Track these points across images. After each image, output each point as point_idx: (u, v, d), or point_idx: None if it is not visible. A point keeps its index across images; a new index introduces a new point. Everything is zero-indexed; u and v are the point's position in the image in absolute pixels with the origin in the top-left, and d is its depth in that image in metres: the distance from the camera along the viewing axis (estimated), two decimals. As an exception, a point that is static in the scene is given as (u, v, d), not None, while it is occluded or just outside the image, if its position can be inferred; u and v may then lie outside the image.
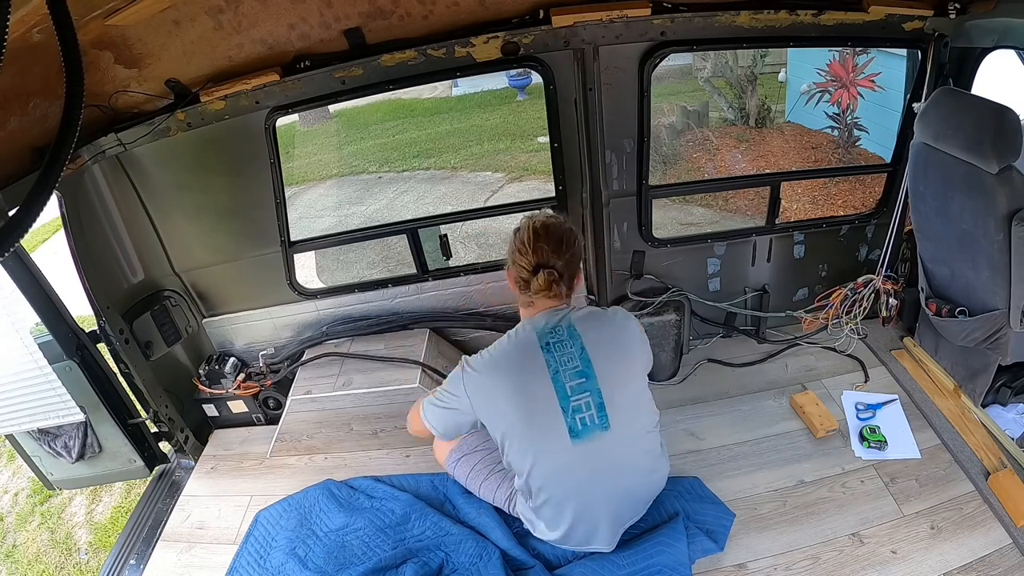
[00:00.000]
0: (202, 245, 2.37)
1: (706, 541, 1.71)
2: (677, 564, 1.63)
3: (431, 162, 6.90)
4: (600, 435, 1.50)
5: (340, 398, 2.21)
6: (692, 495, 1.86)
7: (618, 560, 1.64)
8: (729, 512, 1.80)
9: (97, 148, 2.01)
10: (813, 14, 1.85)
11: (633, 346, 1.58)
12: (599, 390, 1.49)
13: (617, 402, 1.51)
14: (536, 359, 1.50)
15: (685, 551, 1.65)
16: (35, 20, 1.24)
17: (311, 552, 1.89)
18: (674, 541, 1.66)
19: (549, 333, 1.52)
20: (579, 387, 1.49)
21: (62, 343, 2.05)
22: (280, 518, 2.04)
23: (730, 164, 5.74)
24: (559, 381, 1.48)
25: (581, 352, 1.50)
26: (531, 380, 1.50)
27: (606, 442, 1.51)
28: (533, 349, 1.51)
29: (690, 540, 1.69)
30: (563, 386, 1.48)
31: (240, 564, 1.92)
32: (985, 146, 1.66)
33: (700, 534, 1.72)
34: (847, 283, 2.37)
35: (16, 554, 3.18)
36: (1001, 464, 1.83)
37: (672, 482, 1.86)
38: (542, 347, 1.51)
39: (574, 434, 1.48)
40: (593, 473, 1.54)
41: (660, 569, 1.61)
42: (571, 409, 1.48)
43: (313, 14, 1.75)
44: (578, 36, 1.87)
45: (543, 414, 1.49)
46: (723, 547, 1.72)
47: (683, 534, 1.68)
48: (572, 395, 1.48)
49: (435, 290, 2.39)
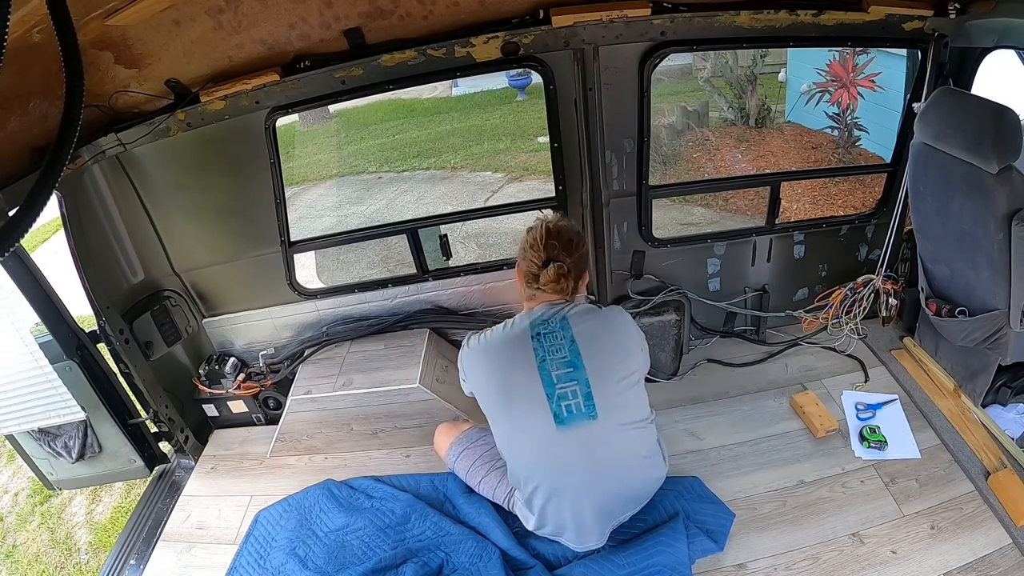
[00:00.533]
0: (202, 245, 2.37)
1: (706, 541, 1.71)
2: (677, 564, 1.63)
3: (431, 162, 6.90)
4: (587, 424, 1.51)
5: (340, 398, 2.21)
6: (692, 495, 1.86)
7: (618, 560, 1.64)
8: (729, 512, 1.80)
9: (97, 148, 2.01)
10: (813, 14, 1.85)
11: (626, 342, 1.60)
12: (587, 380, 1.52)
13: (606, 394, 1.53)
14: (524, 346, 1.55)
15: (685, 551, 1.65)
16: (35, 20, 1.24)
17: (311, 552, 1.89)
18: (674, 541, 1.66)
19: (541, 324, 1.57)
20: (566, 376, 1.52)
21: (62, 343, 2.05)
22: (280, 518, 2.04)
23: (730, 164, 5.74)
24: (545, 369, 1.52)
25: (571, 343, 1.53)
26: (516, 366, 1.55)
27: (593, 431, 1.52)
28: (523, 337, 1.56)
29: (690, 540, 1.69)
30: (549, 374, 1.52)
31: (240, 564, 1.92)
32: (985, 146, 1.66)
33: (700, 534, 1.72)
34: (847, 283, 2.37)
35: (16, 554, 3.18)
36: (1001, 464, 1.83)
37: (672, 482, 1.86)
38: (532, 336, 1.55)
39: (559, 420, 1.50)
40: (579, 461, 1.55)
41: (660, 569, 1.61)
42: (556, 396, 1.51)
43: (313, 14, 1.75)
44: (578, 36, 1.87)
45: (526, 400, 1.53)
46: (723, 547, 1.72)
47: (683, 534, 1.68)
48: (558, 383, 1.51)
49: (435, 290, 2.39)
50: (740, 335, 2.53)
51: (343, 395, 2.20)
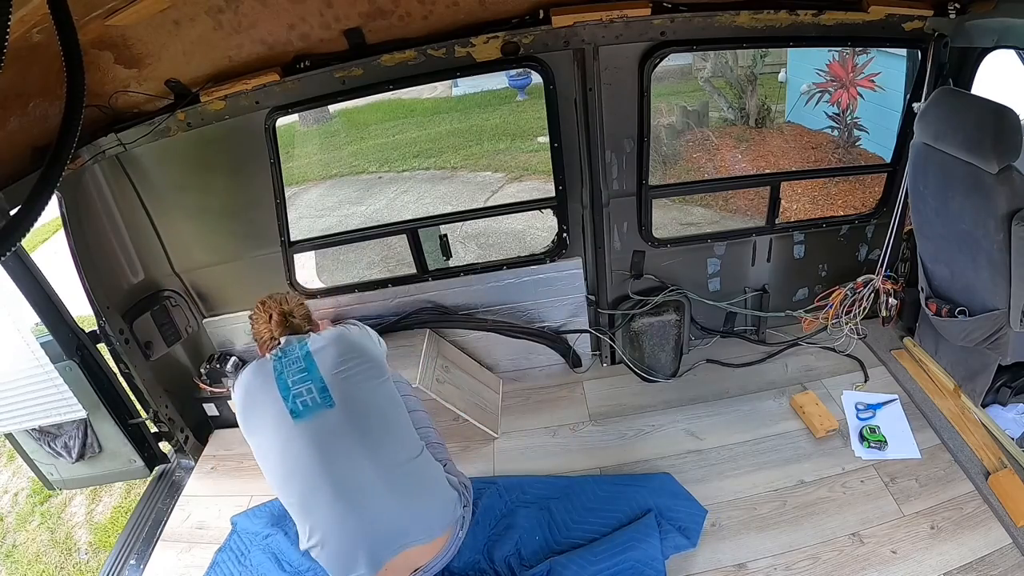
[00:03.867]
0: (202, 245, 2.37)
1: (679, 538, 1.73)
2: (649, 560, 1.65)
3: (431, 162, 6.90)
4: (324, 412, 1.51)
5: (340, 398, 2.20)
6: (664, 492, 1.87)
7: (590, 556, 1.66)
8: (701, 508, 1.82)
9: (97, 148, 2.01)
10: (813, 14, 1.86)
11: (362, 342, 1.67)
12: (320, 377, 1.55)
13: (342, 386, 1.55)
14: (265, 370, 1.59)
15: (658, 547, 1.67)
16: (35, 20, 1.24)
17: (284, 553, 1.90)
18: (646, 537, 1.69)
19: (281, 352, 1.62)
20: (301, 379, 1.55)
21: (62, 343, 2.05)
22: (258, 518, 2.06)
23: (730, 164, 5.74)
24: (282, 379, 1.56)
25: (307, 356, 1.59)
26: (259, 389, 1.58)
27: (332, 417, 1.50)
28: (266, 366, 1.61)
29: (663, 537, 1.71)
30: (285, 382, 1.55)
31: (221, 560, 1.94)
32: (985, 146, 1.66)
33: (673, 531, 1.74)
34: (847, 283, 2.37)
35: (16, 554, 3.18)
36: (1001, 464, 1.83)
37: (643, 479, 1.89)
38: (273, 359, 1.61)
39: (295, 415, 1.50)
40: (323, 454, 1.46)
41: (632, 564, 1.63)
42: (291, 396, 1.53)
43: (313, 14, 1.75)
44: (578, 36, 1.87)
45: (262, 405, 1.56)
46: (696, 543, 1.73)
47: (655, 530, 1.70)
48: (293, 387, 1.54)
49: (435, 290, 2.39)
50: (740, 335, 2.53)
51: (343, 395, 2.20)
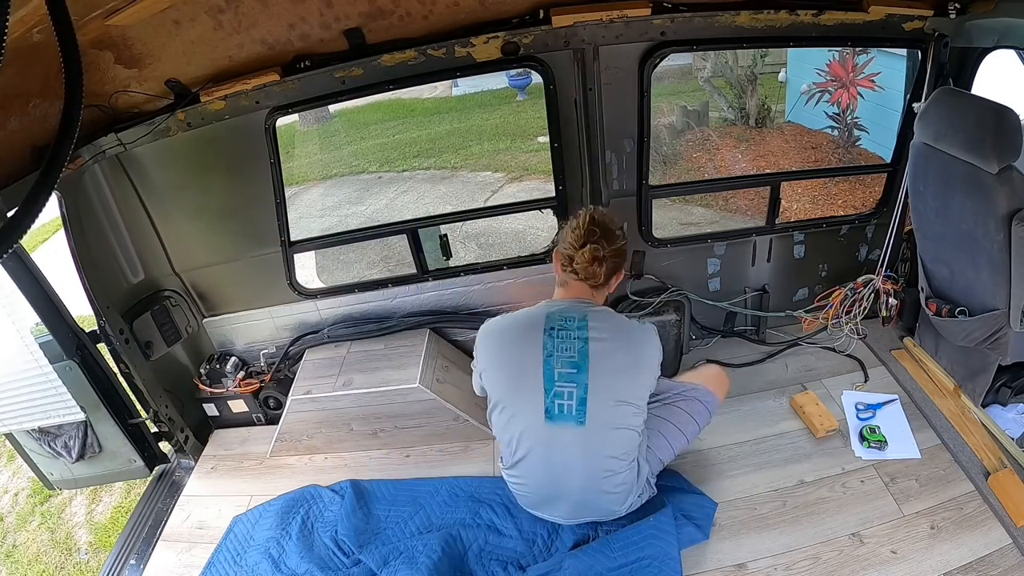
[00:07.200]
0: (202, 245, 2.37)
1: (693, 530, 1.73)
2: (667, 556, 1.64)
3: (431, 162, 6.89)
4: (572, 428, 1.54)
5: (340, 398, 2.21)
6: (673, 486, 1.88)
7: (608, 552, 1.65)
8: (711, 501, 1.82)
9: (97, 148, 2.01)
10: (813, 14, 1.86)
11: (642, 362, 1.60)
12: (587, 385, 1.53)
13: (601, 407, 1.54)
14: (535, 339, 1.57)
15: (675, 542, 1.67)
16: (35, 20, 1.24)
17: (284, 553, 1.90)
18: (663, 533, 1.68)
19: (559, 319, 1.58)
20: (567, 376, 1.54)
21: (62, 343, 2.05)
22: (259, 519, 2.06)
23: (730, 164, 5.74)
24: (549, 364, 1.54)
25: (583, 346, 1.54)
26: (524, 357, 1.57)
27: (577, 437, 1.55)
28: (536, 329, 1.58)
29: (678, 529, 1.71)
30: (552, 370, 1.54)
31: (217, 560, 1.94)
32: (985, 146, 1.66)
33: (687, 523, 1.75)
34: (847, 283, 2.37)
35: (16, 554, 3.18)
36: (1001, 464, 1.82)
37: None
38: (546, 329, 1.57)
39: (549, 415, 1.54)
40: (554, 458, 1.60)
41: (651, 561, 1.63)
42: (553, 392, 1.53)
43: (313, 14, 1.75)
44: (578, 36, 1.87)
45: (527, 388, 1.56)
46: (708, 535, 1.73)
47: (673, 525, 1.70)
48: (558, 380, 1.54)
49: (435, 290, 2.39)
50: (740, 335, 2.53)
51: (343, 395, 2.20)
